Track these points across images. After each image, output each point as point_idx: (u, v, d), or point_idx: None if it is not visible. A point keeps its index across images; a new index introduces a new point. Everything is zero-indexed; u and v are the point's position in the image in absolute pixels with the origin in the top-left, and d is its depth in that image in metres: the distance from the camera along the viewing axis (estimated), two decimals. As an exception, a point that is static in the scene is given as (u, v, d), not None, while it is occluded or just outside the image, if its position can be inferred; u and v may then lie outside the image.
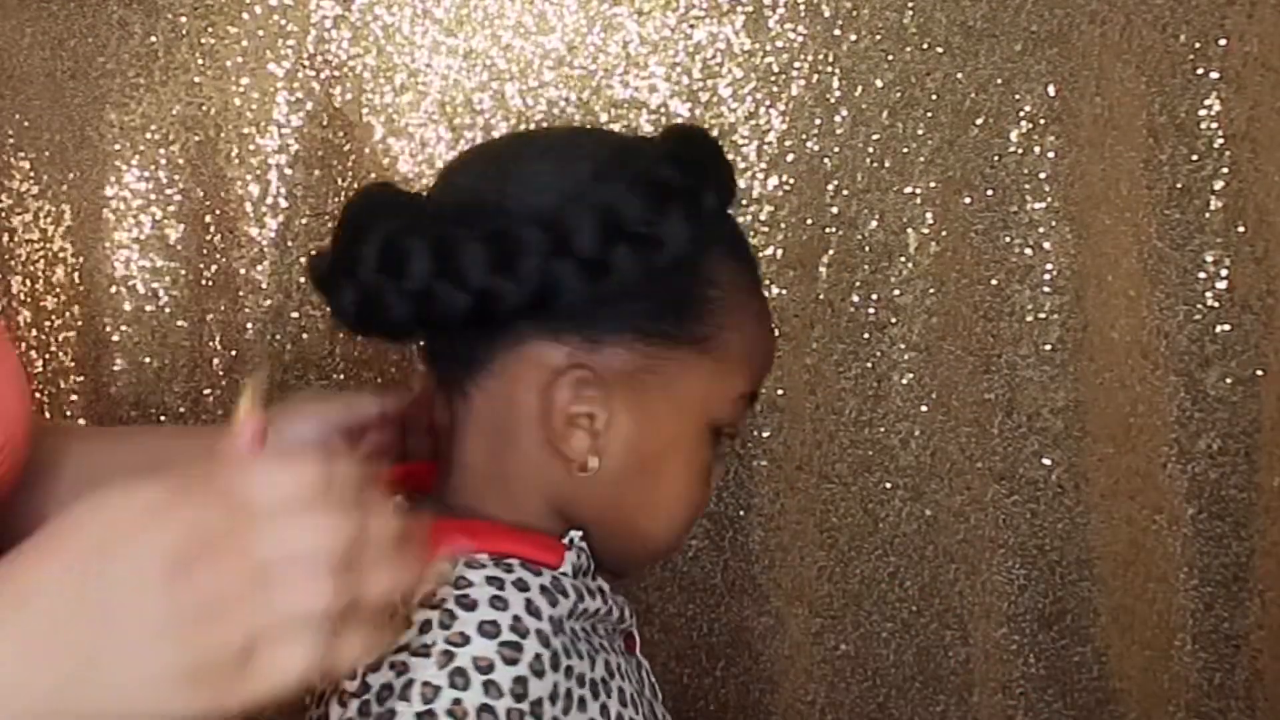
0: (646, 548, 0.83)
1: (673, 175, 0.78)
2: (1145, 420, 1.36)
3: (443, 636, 0.70)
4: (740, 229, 0.88)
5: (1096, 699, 1.41)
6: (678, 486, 0.81)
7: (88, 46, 1.28)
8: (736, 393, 0.82)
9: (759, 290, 0.86)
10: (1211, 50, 1.30)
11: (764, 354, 0.85)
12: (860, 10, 1.30)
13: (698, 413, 0.80)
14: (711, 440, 0.82)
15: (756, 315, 0.84)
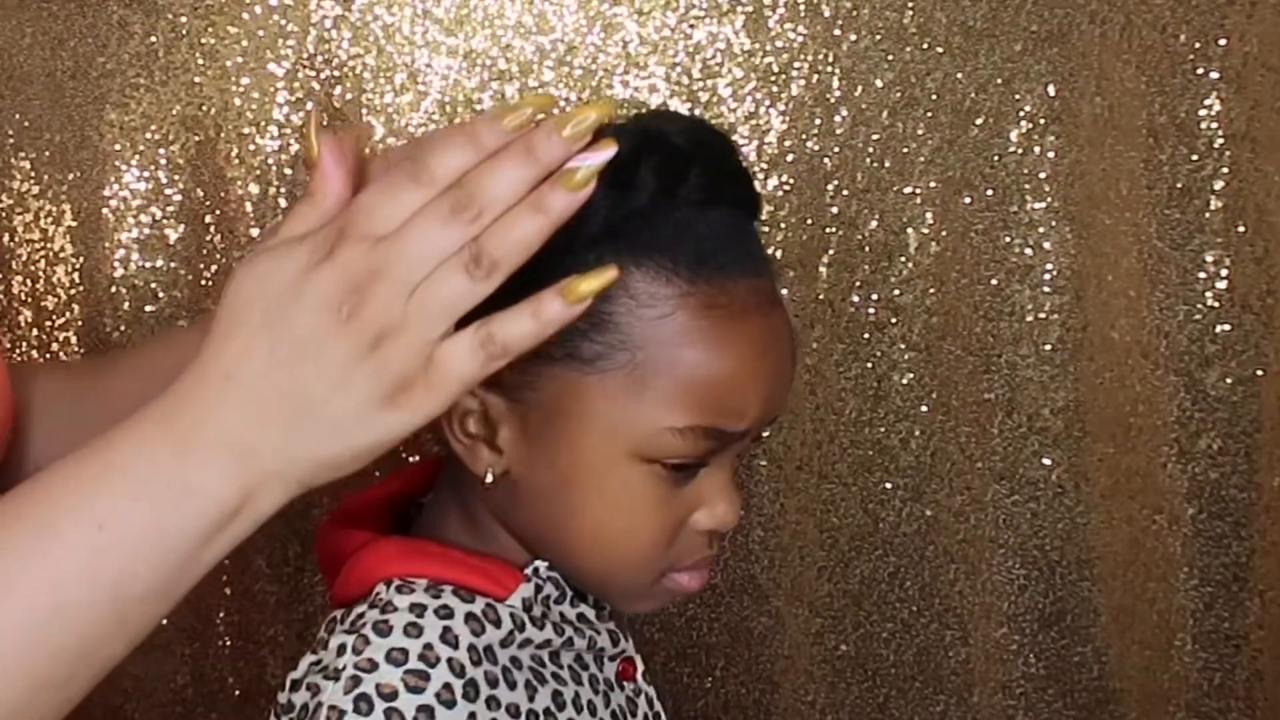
0: (593, 580, 0.78)
1: None
2: (1145, 420, 1.36)
3: (353, 661, 0.70)
4: (711, 237, 0.73)
5: (1096, 699, 1.41)
6: (601, 516, 0.74)
7: (88, 46, 1.28)
8: (664, 424, 0.71)
9: (721, 311, 0.71)
10: (1211, 50, 1.30)
11: (725, 386, 0.72)
12: (860, 10, 1.30)
13: (606, 439, 0.72)
14: (652, 473, 0.73)
15: (702, 340, 0.71)
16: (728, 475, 0.76)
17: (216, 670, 1.37)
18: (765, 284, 0.74)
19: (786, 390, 0.77)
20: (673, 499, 0.74)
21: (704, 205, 0.72)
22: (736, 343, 0.72)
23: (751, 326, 0.73)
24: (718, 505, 0.76)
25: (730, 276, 0.72)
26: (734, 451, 0.76)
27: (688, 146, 0.72)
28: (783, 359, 0.75)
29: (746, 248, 0.74)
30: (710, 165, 0.73)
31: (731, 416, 0.73)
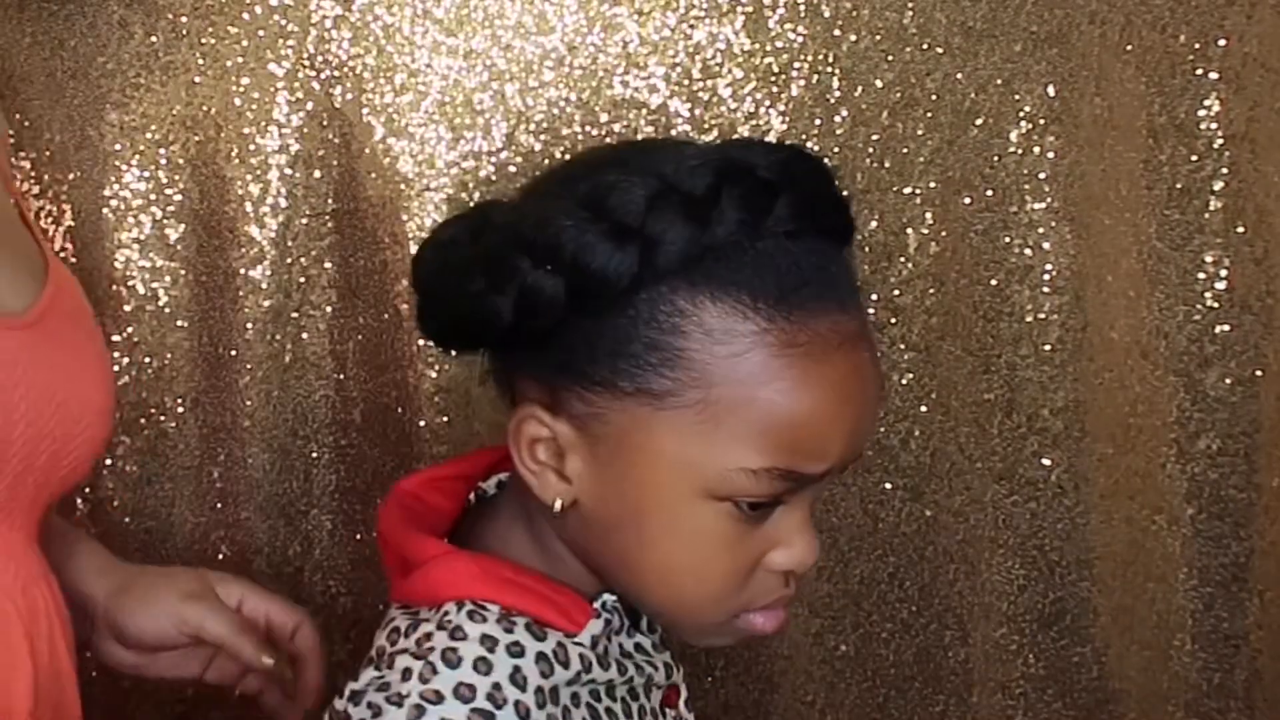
0: (664, 616, 0.78)
1: (627, 200, 0.69)
2: (1145, 420, 1.36)
3: (419, 689, 0.69)
4: (794, 271, 0.70)
5: (1096, 699, 1.41)
6: (671, 553, 0.73)
7: (88, 46, 1.28)
8: (737, 465, 0.70)
9: (801, 350, 0.69)
10: (1211, 51, 1.30)
11: (803, 427, 0.70)
12: (860, 10, 1.30)
13: (676, 477, 0.71)
14: (724, 511, 0.71)
15: (780, 380, 0.69)
16: (805, 514, 0.74)
17: (216, 670, 1.37)
18: (852, 321, 0.71)
19: (872, 429, 0.75)
20: (746, 538, 0.72)
21: (790, 238, 0.70)
22: (817, 383, 0.70)
23: (834, 367, 0.70)
24: (794, 545, 0.73)
25: (812, 313, 0.69)
26: (814, 490, 0.73)
27: (775, 178, 0.70)
28: (866, 400, 0.72)
29: (833, 281, 0.71)
30: (799, 196, 0.70)
31: (809, 459, 0.71)
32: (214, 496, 1.37)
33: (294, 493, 1.36)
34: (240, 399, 1.34)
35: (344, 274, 1.33)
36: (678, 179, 0.69)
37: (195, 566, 1.36)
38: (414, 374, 1.33)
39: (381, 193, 1.31)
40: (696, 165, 0.70)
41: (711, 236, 0.69)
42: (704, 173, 0.69)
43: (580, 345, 0.71)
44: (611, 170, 0.71)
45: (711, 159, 0.70)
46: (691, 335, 0.69)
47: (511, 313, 0.71)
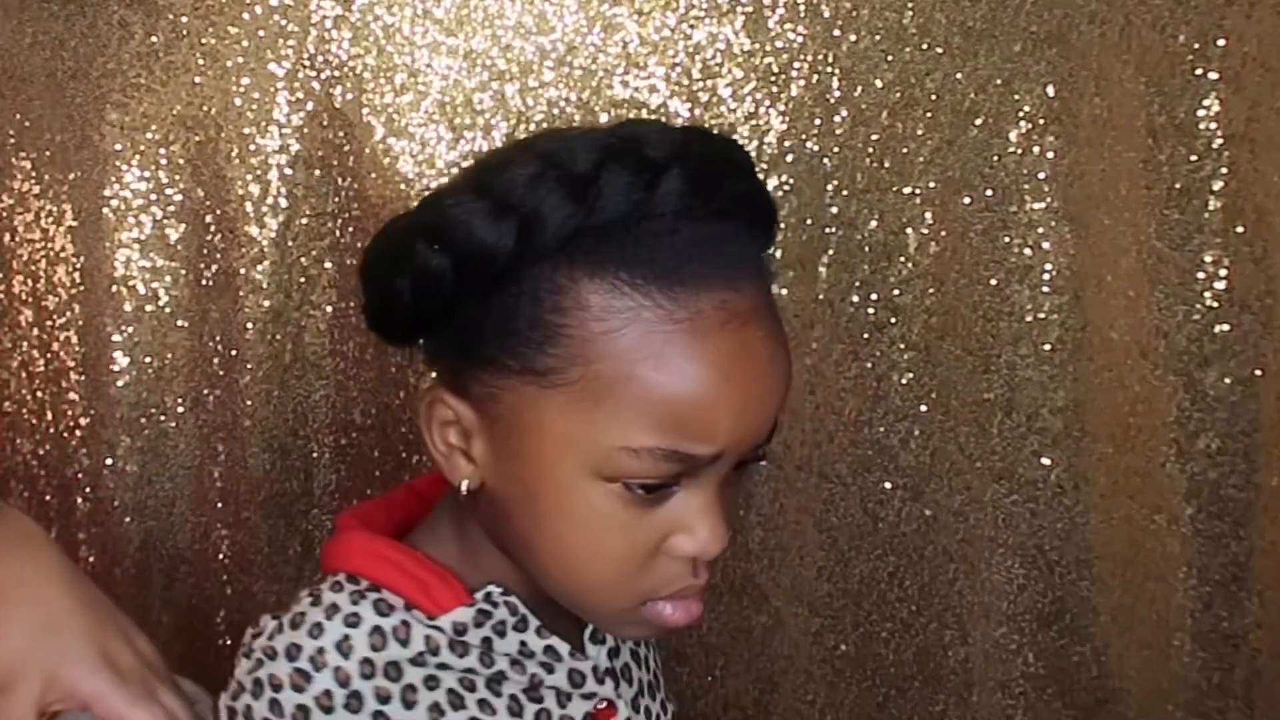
0: (568, 600, 0.76)
1: (509, 180, 0.70)
2: (1144, 420, 1.36)
3: (263, 645, 0.74)
4: (677, 248, 0.69)
5: (1096, 698, 1.42)
6: (565, 535, 0.73)
7: (88, 47, 1.28)
8: (619, 443, 0.69)
9: (681, 327, 0.68)
10: (1210, 51, 1.30)
11: (684, 406, 0.69)
12: (860, 10, 1.30)
13: (564, 456, 0.70)
14: (615, 492, 0.71)
15: (658, 357, 0.68)
16: (708, 498, 0.72)
17: (217, 669, 1.37)
18: (743, 299, 0.70)
19: (767, 412, 0.72)
20: (642, 521, 0.71)
21: (683, 216, 0.70)
22: (697, 361, 0.68)
23: (716, 344, 0.69)
24: (697, 531, 0.72)
25: (694, 290, 0.69)
26: (715, 474, 0.72)
27: (662, 156, 0.70)
28: (755, 380, 0.70)
29: (723, 259, 0.70)
30: (689, 175, 0.70)
31: (693, 439, 0.69)
32: (214, 496, 1.37)
33: (294, 493, 1.36)
34: (240, 399, 1.34)
35: (344, 274, 1.33)
36: (565, 159, 0.69)
37: (194, 568, 1.37)
38: (414, 374, 1.33)
39: (381, 193, 1.31)
40: (585, 145, 0.70)
41: (593, 215, 0.69)
42: (590, 152, 0.69)
43: (472, 325, 0.72)
44: (510, 154, 0.72)
45: (601, 139, 0.71)
46: (570, 312, 0.69)
47: (409, 293, 0.72)
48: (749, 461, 0.74)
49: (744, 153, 0.76)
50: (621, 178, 0.69)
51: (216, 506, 1.36)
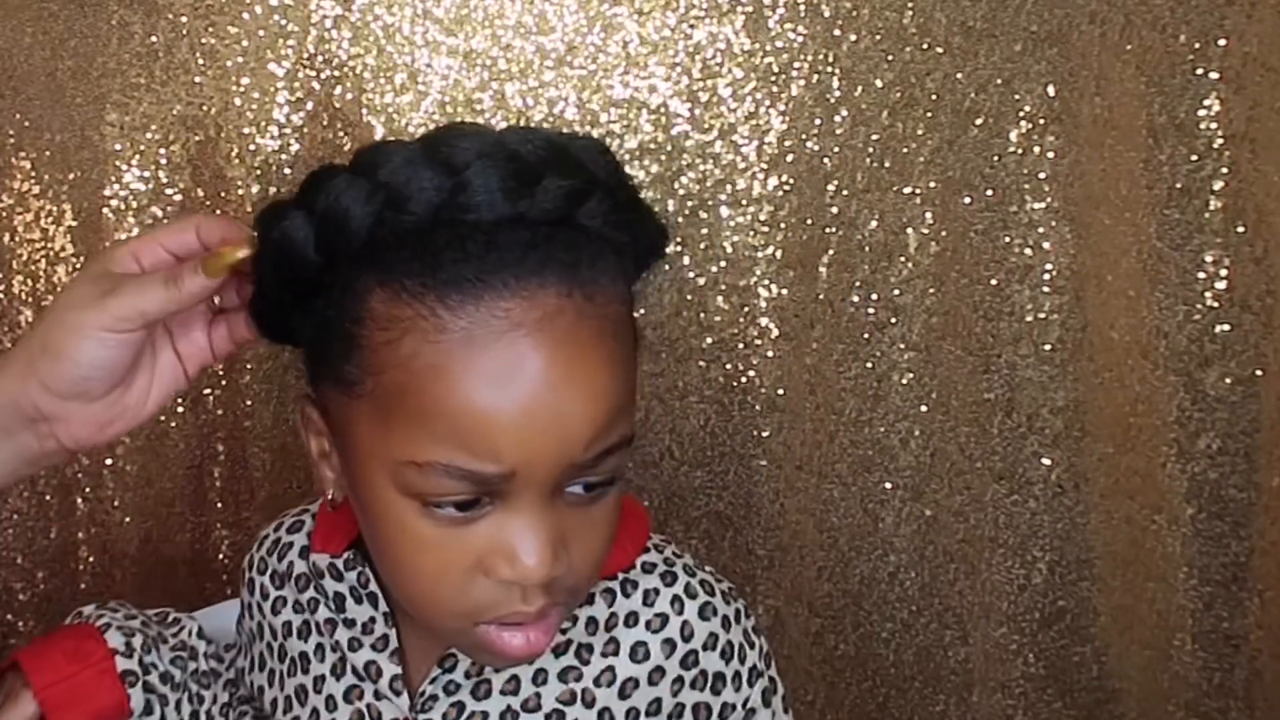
0: (411, 613, 0.77)
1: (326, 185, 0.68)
2: (1145, 420, 1.36)
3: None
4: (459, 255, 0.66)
5: (1096, 698, 1.41)
6: (385, 549, 0.72)
7: (88, 46, 1.28)
8: (404, 457, 0.67)
9: (455, 337, 0.66)
10: (1211, 51, 1.30)
11: (462, 420, 0.66)
12: (860, 10, 1.30)
13: (372, 470, 0.69)
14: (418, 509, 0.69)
15: (431, 368, 0.66)
16: (528, 521, 0.68)
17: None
18: (530, 307, 0.66)
19: (570, 430, 0.67)
20: (456, 540, 0.69)
21: (488, 221, 0.67)
22: (470, 374, 0.65)
23: (494, 356, 0.65)
24: (514, 554, 0.68)
25: (474, 299, 0.65)
26: (534, 495, 0.68)
27: (469, 157, 0.67)
28: (544, 393, 0.66)
29: (512, 266, 0.66)
30: (499, 175, 0.67)
31: (477, 456, 0.66)
32: (214, 496, 1.37)
33: (294, 493, 1.36)
34: (240, 399, 1.34)
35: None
36: (378, 162, 0.68)
37: (194, 568, 1.37)
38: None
39: (381, 193, 1.31)
40: (397, 148, 0.68)
41: (396, 219, 0.67)
42: (400, 155, 0.67)
43: (308, 335, 0.72)
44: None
45: (412, 142, 0.69)
46: (363, 321, 0.68)
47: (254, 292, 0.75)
48: (597, 484, 0.70)
49: (581, 151, 0.71)
50: (426, 180, 0.66)
51: (216, 506, 1.36)
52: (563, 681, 0.79)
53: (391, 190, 0.67)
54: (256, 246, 0.72)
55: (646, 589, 0.81)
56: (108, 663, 0.85)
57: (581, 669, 0.79)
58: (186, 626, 0.92)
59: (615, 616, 0.80)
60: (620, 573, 0.81)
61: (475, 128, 0.71)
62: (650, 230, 0.74)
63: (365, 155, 0.70)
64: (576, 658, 0.79)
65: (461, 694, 0.79)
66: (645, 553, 0.83)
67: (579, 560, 0.71)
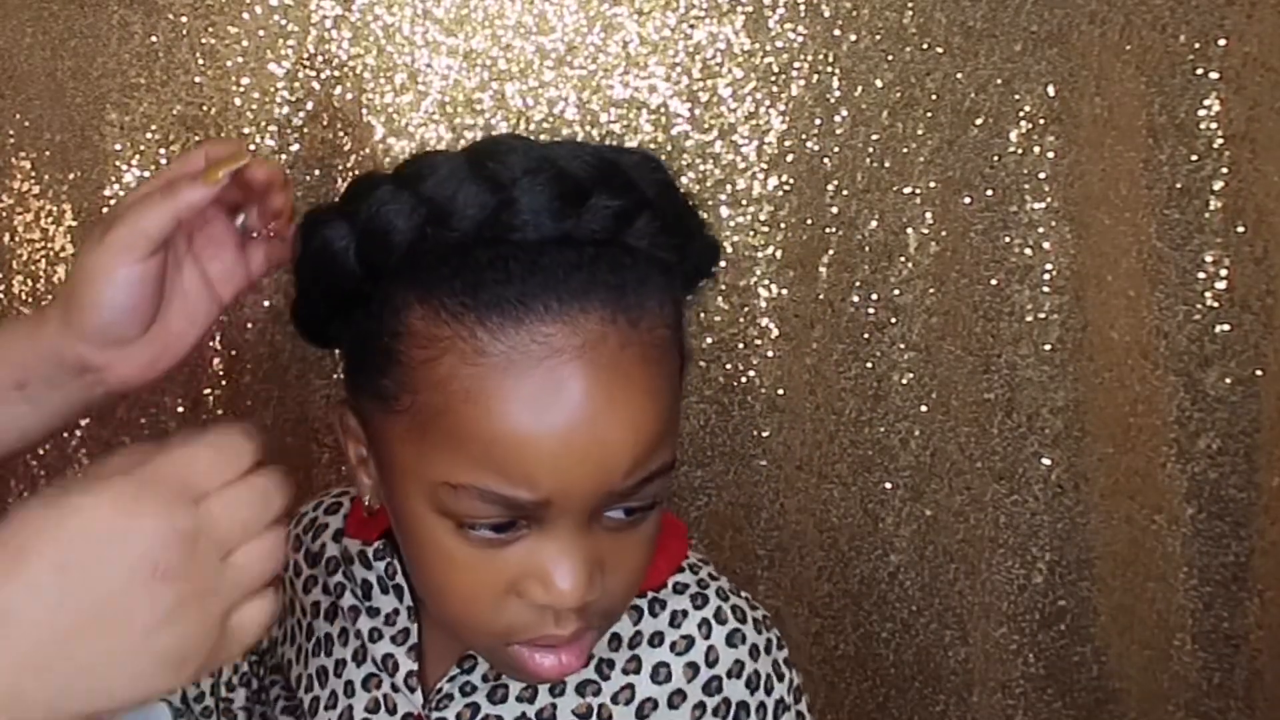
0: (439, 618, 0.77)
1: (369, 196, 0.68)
2: (1145, 420, 1.36)
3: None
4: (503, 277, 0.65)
5: (1096, 698, 1.42)
6: (419, 564, 0.72)
7: (88, 46, 1.27)
8: (440, 478, 0.67)
9: (494, 361, 0.65)
10: (1211, 51, 1.30)
11: (498, 445, 0.65)
12: (860, 10, 1.30)
13: (409, 487, 0.69)
14: (453, 529, 0.68)
15: (468, 391, 0.65)
16: (564, 545, 0.67)
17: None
18: (571, 333, 0.65)
19: (608, 459, 0.66)
20: (490, 562, 0.68)
21: (532, 239, 0.66)
22: (506, 399, 0.64)
23: (531, 382, 0.64)
24: (549, 579, 0.67)
25: (515, 322, 0.64)
26: (571, 520, 0.67)
27: (516, 173, 0.66)
28: (580, 422, 0.65)
29: (556, 288, 0.65)
30: (545, 193, 0.66)
31: (511, 482, 0.65)
32: (214, 496, 1.37)
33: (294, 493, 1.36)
34: (241, 399, 1.34)
35: (344, 274, 1.33)
36: (425, 174, 0.67)
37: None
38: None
39: (381, 193, 1.31)
40: (448, 160, 0.68)
41: (440, 234, 0.66)
42: (449, 166, 0.67)
43: (347, 343, 0.73)
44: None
45: (461, 155, 0.68)
46: (402, 337, 0.67)
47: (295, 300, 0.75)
48: (637, 509, 0.69)
49: (631, 168, 0.70)
50: (471, 196, 0.65)
51: (216, 506, 1.36)
52: (580, 695, 0.78)
53: (435, 205, 0.66)
54: (248, 158, 0.72)
55: (675, 610, 0.80)
56: None
57: (601, 684, 0.79)
58: None
59: (640, 635, 0.79)
60: (650, 591, 0.80)
61: (524, 142, 0.70)
62: (701, 249, 0.74)
63: (411, 166, 0.69)
64: (597, 672, 0.79)
65: (477, 696, 0.79)
66: (680, 572, 0.81)
67: (615, 584, 0.70)
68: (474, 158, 0.68)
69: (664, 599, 0.80)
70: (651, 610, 0.80)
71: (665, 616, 0.80)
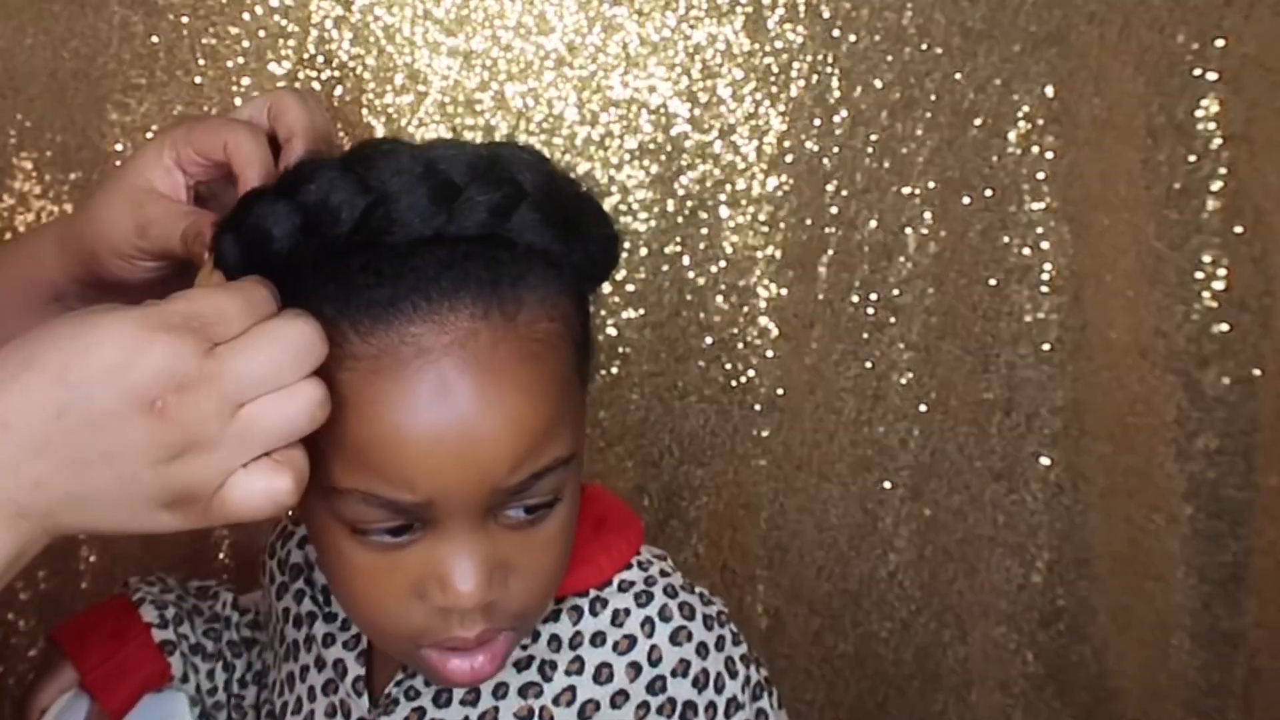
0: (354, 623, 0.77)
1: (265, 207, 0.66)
2: (1143, 419, 1.36)
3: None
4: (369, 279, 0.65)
5: (1095, 697, 1.42)
6: (325, 570, 0.73)
7: (89, 47, 1.27)
8: (328, 483, 0.66)
9: (365, 365, 0.64)
10: (1209, 51, 1.30)
11: (373, 448, 0.65)
12: (860, 10, 1.30)
13: (307, 492, 0.65)
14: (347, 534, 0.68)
15: (344, 396, 0.64)
16: (458, 547, 0.67)
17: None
18: (441, 331, 0.64)
19: (489, 457, 0.65)
20: (389, 566, 0.68)
21: (401, 245, 0.65)
22: (378, 402, 0.64)
23: (401, 384, 0.64)
24: (445, 580, 0.67)
25: (384, 324, 0.64)
26: (465, 520, 0.67)
27: (387, 175, 0.65)
28: (455, 422, 0.64)
29: (424, 288, 0.65)
30: (416, 192, 0.65)
31: (390, 484, 0.65)
32: (214, 496, 1.37)
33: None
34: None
35: (344, 274, 1.33)
36: (305, 187, 0.66)
37: (194, 568, 1.37)
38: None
39: (382, 193, 1.31)
40: (326, 164, 0.67)
41: (317, 238, 0.65)
42: (327, 179, 0.66)
43: None
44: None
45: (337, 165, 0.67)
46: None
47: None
48: (538, 505, 0.69)
49: (509, 161, 0.69)
50: (341, 201, 0.65)
51: (217, 506, 1.36)
52: (522, 697, 0.78)
53: (309, 211, 0.65)
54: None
55: (617, 608, 0.78)
56: (146, 636, 0.89)
57: (543, 686, 0.78)
58: (222, 599, 0.95)
59: (580, 635, 0.78)
60: (593, 589, 0.79)
61: (396, 145, 0.69)
62: (594, 238, 0.72)
63: (290, 175, 0.69)
64: (539, 674, 0.78)
65: (423, 700, 0.79)
66: (627, 569, 0.80)
67: (524, 584, 0.70)
68: (348, 162, 0.67)
69: (606, 597, 0.79)
70: (593, 609, 0.79)
71: (606, 615, 0.78)
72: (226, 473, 0.58)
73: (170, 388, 0.56)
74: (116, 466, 0.57)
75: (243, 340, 0.59)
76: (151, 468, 0.57)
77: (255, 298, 0.60)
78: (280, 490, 0.59)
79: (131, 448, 0.57)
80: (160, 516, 0.59)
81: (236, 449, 0.58)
